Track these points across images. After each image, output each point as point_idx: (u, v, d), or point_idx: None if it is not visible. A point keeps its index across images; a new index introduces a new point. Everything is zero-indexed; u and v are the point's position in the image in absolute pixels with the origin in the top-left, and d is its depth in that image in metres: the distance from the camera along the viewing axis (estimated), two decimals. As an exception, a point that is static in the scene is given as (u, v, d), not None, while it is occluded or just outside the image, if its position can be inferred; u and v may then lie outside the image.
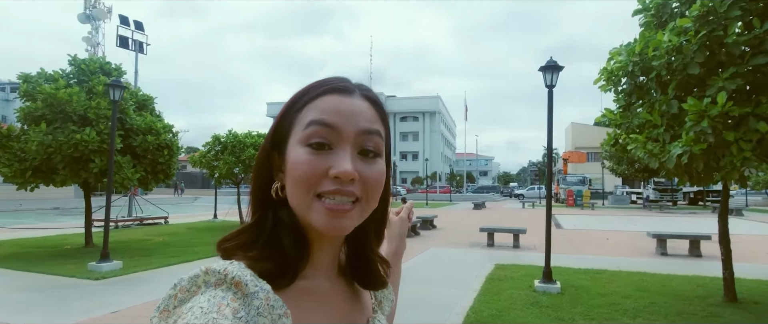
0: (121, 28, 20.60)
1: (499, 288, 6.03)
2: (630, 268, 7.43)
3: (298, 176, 0.51)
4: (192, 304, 0.45)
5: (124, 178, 8.38)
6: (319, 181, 0.51)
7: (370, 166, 0.54)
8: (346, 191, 0.51)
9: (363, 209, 0.54)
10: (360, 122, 0.54)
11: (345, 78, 0.59)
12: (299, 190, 0.52)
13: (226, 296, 0.45)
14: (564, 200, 31.07)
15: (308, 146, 0.52)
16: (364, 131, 0.54)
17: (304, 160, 0.51)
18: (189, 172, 48.61)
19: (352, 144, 0.53)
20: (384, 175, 0.56)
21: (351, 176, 0.51)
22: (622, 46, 5.31)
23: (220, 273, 0.47)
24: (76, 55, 8.81)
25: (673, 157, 4.49)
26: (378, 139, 0.55)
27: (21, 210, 20.60)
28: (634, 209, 27.32)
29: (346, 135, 0.53)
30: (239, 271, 0.48)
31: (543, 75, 6.19)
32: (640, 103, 5.39)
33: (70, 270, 6.93)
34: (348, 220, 0.52)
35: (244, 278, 0.47)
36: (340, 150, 0.52)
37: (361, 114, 0.55)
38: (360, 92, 0.57)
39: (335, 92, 0.55)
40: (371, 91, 0.59)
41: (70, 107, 7.87)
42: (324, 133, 0.52)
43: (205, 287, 0.47)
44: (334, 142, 0.52)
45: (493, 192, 49.96)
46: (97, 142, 7.91)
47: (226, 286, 0.47)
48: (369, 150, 0.54)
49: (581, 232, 13.60)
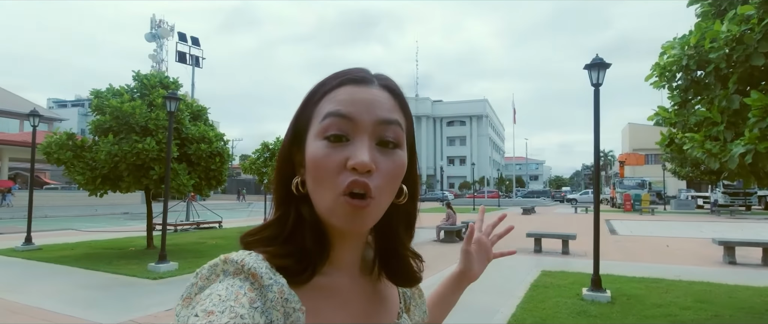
0: (180, 44, 22.10)
1: (544, 295, 5.80)
2: (692, 278, 6.89)
3: (317, 170, 0.51)
4: (210, 291, 0.45)
5: (180, 184, 8.92)
6: (338, 174, 0.50)
7: (389, 157, 0.52)
8: (361, 183, 0.50)
9: (379, 204, 0.52)
10: (378, 112, 0.53)
11: (363, 68, 0.57)
12: (320, 186, 0.51)
13: (244, 286, 0.46)
14: (621, 205, 29.35)
15: (325, 139, 0.51)
16: (382, 121, 0.52)
17: (321, 154, 0.51)
18: (244, 179, 50.83)
19: (369, 134, 0.52)
20: (404, 166, 0.54)
21: (368, 167, 0.49)
22: (675, 40, 4.98)
23: (237, 263, 0.48)
24: (139, 71, 9.53)
25: (735, 156, 4.13)
26: (398, 129, 0.54)
27: (96, 214, 22.47)
28: (701, 214, 25.29)
29: (363, 125, 0.51)
30: (256, 262, 0.49)
31: (588, 73, 5.92)
32: (698, 99, 5.02)
33: (132, 270, 7.47)
34: (366, 217, 0.51)
35: (260, 270, 0.48)
36: (357, 141, 0.51)
37: (379, 103, 0.53)
38: (378, 82, 0.56)
39: (352, 83, 0.54)
40: (390, 80, 0.58)
41: (133, 119, 8.52)
42: (341, 125, 0.51)
43: (223, 276, 0.48)
44: (351, 133, 0.51)
45: (544, 196, 48.14)
46: (156, 151, 8.50)
47: (244, 275, 0.47)
48: (388, 140, 0.53)
49: (638, 239, 12.79)
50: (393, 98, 0.56)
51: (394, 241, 0.61)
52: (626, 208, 27.78)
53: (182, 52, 21.83)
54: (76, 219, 20.07)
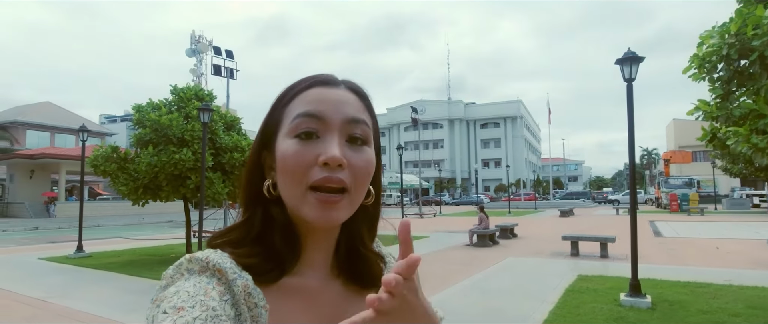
0: (215, 57, 22.99)
1: (579, 301, 5.57)
2: (744, 282, 6.42)
3: (288, 167, 0.52)
4: (177, 289, 0.46)
5: (215, 192, 9.24)
6: (309, 169, 0.51)
7: (358, 153, 0.54)
8: (335, 179, 0.51)
9: (352, 199, 0.53)
10: (346, 110, 0.54)
11: (330, 74, 0.59)
12: (291, 182, 0.52)
13: (211, 281, 0.47)
14: (667, 205, 27.87)
15: (296, 137, 0.53)
16: (350, 119, 0.54)
17: (292, 151, 0.52)
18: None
19: (339, 132, 0.53)
20: (372, 163, 0.56)
21: (339, 161, 0.51)
22: (714, 28, 4.70)
23: (202, 260, 0.49)
24: (176, 85, 9.98)
25: (784, 150, 3.84)
26: (365, 128, 0.55)
27: (143, 223, 23.64)
28: (757, 214, 23.60)
29: (332, 123, 0.53)
30: (220, 259, 0.49)
31: (621, 68, 5.67)
32: (742, 90, 4.72)
33: (171, 275, 7.78)
34: (338, 211, 0.52)
35: (225, 266, 0.49)
36: (327, 137, 0.52)
37: (347, 103, 0.55)
38: (345, 85, 0.58)
39: (320, 84, 0.56)
40: (356, 84, 0.60)
41: (170, 131, 8.91)
42: (311, 124, 0.53)
43: (188, 274, 0.49)
44: (321, 131, 0.53)
45: (584, 198, 46.39)
46: (192, 161, 8.84)
47: (210, 272, 0.48)
48: (357, 137, 0.54)
49: (684, 241, 12.09)
50: (360, 100, 0.58)
51: (356, 241, 0.61)
52: (673, 209, 26.34)
53: (217, 65, 22.71)
54: (124, 228, 21.17)
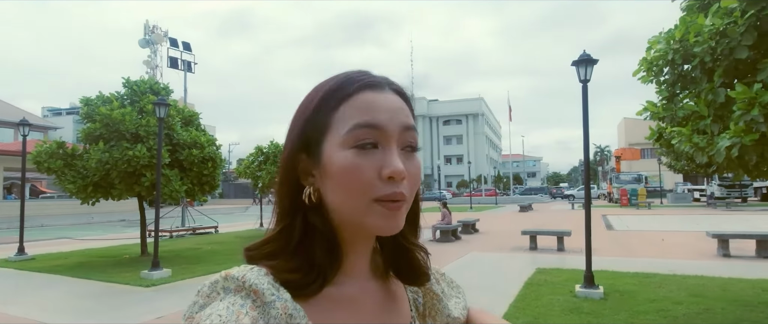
0: (172, 49, 22.06)
1: (537, 293, 5.79)
2: (685, 272, 6.89)
3: (351, 181, 0.50)
4: (210, 311, 0.45)
5: (172, 190, 8.89)
6: (372, 182, 0.50)
7: (412, 162, 0.53)
8: (399, 193, 0.50)
9: (408, 205, 0.54)
10: (402, 119, 0.53)
11: (367, 71, 0.57)
12: (353, 195, 0.50)
13: (246, 304, 0.45)
14: (618, 200, 29.42)
15: (355, 148, 0.50)
16: (406, 128, 0.53)
17: (354, 165, 0.50)
18: (241, 183, 50.76)
19: (396, 142, 0.52)
20: (422, 168, 0.57)
21: (404, 175, 0.50)
22: (661, 34, 4.98)
23: (238, 279, 0.47)
24: (129, 77, 9.50)
25: (721, 149, 4.13)
26: (416, 134, 0.55)
27: (92, 223, 22.38)
28: (697, 208, 25.36)
29: (391, 133, 0.52)
30: (257, 278, 0.47)
31: (576, 69, 5.92)
32: (685, 93, 5.03)
33: (125, 278, 7.43)
34: (400, 218, 0.52)
35: (262, 286, 0.47)
36: (386, 149, 0.51)
37: (401, 110, 0.54)
38: (389, 86, 0.56)
39: (369, 88, 0.54)
40: (399, 84, 0.58)
41: (123, 126, 8.48)
42: (370, 135, 0.51)
43: (224, 293, 0.47)
44: (380, 141, 0.51)
45: (542, 193, 48.19)
46: (147, 158, 8.46)
47: (245, 292, 0.47)
48: (411, 144, 0.54)
49: (634, 234, 12.81)
50: (405, 103, 0.56)
51: (400, 238, 0.60)
52: (623, 203, 27.83)
53: (174, 58, 21.80)
54: (71, 228, 19.99)
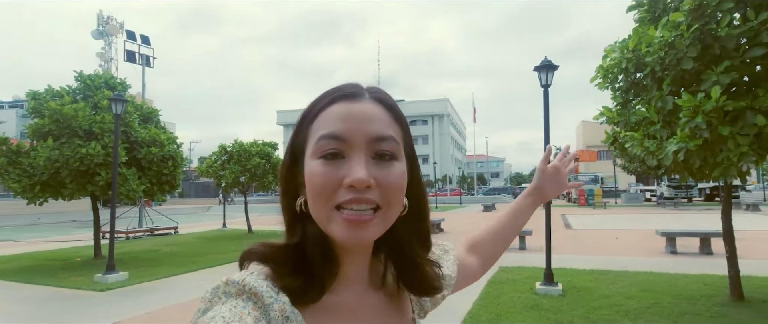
0: (129, 43, 21.05)
1: (500, 291, 5.95)
2: (637, 268, 7.28)
3: (315, 189, 0.51)
4: (214, 314, 0.46)
5: (129, 190, 8.51)
6: (335, 191, 0.50)
7: (386, 170, 0.52)
8: (363, 199, 0.50)
9: (385, 216, 0.52)
10: (371, 128, 0.52)
11: (356, 84, 0.57)
12: (318, 203, 0.51)
13: (247, 306, 0.47)
14: (576, 200, 30.65)
15: (321, 158, 0.51)
16: (376, 138, 0.52)
17: (318, 172, 0.51)
18: (202, 182, 49.20)
19: (364, 151, 0.51)
20: (404, 176, 0.54)
21: (365, 183, 0.49)
22: (616, 43, 5.24)
23: (238, 283, 0.49)
24: (82, 71, 9.01)
25: (669, 154, 4.40)
26: (393, 143, 0.53)
27: (39, 223, 21.05)
28: (648, 207, 26.83)
29: (357, 143, 0.51)
30: (256, 282, 0.49)
31: (538, 75, 6.13)
32: (637, 99, 5.31)
33: (76, 282, 7.05)
34: (368, 230, 0.51)
35: (261, 289, 0.48)
36: (353, 157, 0.51)
37: (372, 120, 0.53)
38: (370, 95, 0.55)
39: (343, 99, 0.54)
40: (382, 92, 0.57)
41: (75, 122, 8.04)
42: (334, 145, 0.51)
43: (225, 297, 0.49)
44: (346, 151, 0.51)
45: (505, 193, 49.51)
46: (102, 156, 8.06)
47: (246, 295, 0.48)
48: (384, 153, 0.52)
49: (591, 232, 13.40)
50: (387, 111, 0.56)
51: (410, 252, 0.61)
52: (581, 203, 29.04)
53: (131, 51, 20.81)
54: (16, 229, 18.75)
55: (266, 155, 13.96)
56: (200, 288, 6.69)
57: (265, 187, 14.62)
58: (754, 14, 3.87)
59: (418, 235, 0.61)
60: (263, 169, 13.66)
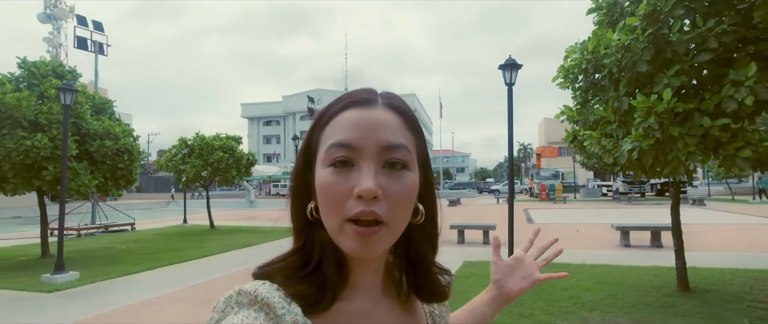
0: (79, 28, 19.79)
1: (464, 286, 6.05)
2: (594, 261, 7.59)
3: (325, 199, 0.51)
4: None
5: (80, 185, 8.06)
6: (345, 201, 0.50)
7: (396, 180, 0.52)
8: (367, 211, 0.49)
9: (390, 230, 0.52)
10: (383, 136, 0.52)
11: (370, 89, 0.57)
12: (329, 214, 0.51)
13: (259, 317, 0.47)
14: (538, 195, 31.66)
15: (331, 166, 0.51)
16: (387, 146, 0.52)
17: (328, 182, 0.51)
18: (161, 176, 47.35)
19: (375, 160, 0.51)
20: (414, 187, 0.54)
21: (373, 193, 0.49)
22: (576, 45, 5.40)
23: (251, 294, 0.49)
24: (26, 57, 8.41)
25: (624, 152, 4.59)
26: (405, 152, 0.53)
27: (-22, 220, 19.64)
28: (605, 202, 28.08)
29: (367, 152, 0.51)
30: (269, 292, 0.49)
31: (503, 73, 6.24)
32: (596, 99, 5.50)
33: (20, 283, 6.61)
34: (375, 243, 0.51)
35: (273, 300, 0.48)
36: (363, 167, 0.51)
37: (383, 127, 0.52)
38: (383, 102, 0.55)
39: (355, 105, 0.54)
40: (397, 98, 0.57)
41: (18, 112, 7.50)
42: (344, 153, 0.51)
43: (238, 307, 0.48)
44: (356, 159, 0.51)
45: (470, 188, 50.50)
46: (49, 149, 7.58)
47: (258, 306, 0.48)
48: (396, 162, 0.52)
49: (552, 226, 13.87)
50: (399, 118, 0.55)
51: (419, 259, 0.61)
52: (542, 198, 30.03)
53: (82, 38, 19.58)
54: (-47, 226, 17.41)
55: (230, 149, 13.57)
56: (159, 287, 6.44)
57: (228, 181, 14.23)
58: (702, 21, 4.07)
59: (429, 239, 0.62)
60: (226, 163, 13.28)
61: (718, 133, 4.06)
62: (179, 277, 7.22)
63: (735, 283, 5.85)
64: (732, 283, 5.90)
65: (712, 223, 13.82)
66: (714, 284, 5.82)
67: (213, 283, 6.71)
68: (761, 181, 25.92)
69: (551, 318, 4.61)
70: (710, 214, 16.84)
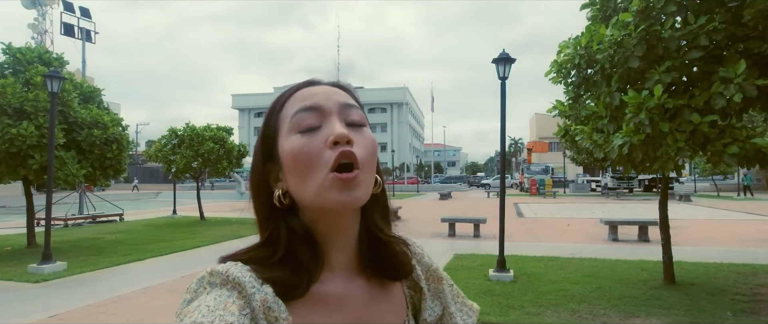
0: (66, 14, 19.33)
1: (454, 278, 6.03)
2: (582, 255, 7.70)
3: (301, 158, 0.52)
4: (198, 303, 0.47)
5: (68, 174, 7.94)
6: (321, 155, 0.52)
7: (360, 134, 0.55)
8: (347, 152, 0.51)
9: (366, 177, 0.54)
10: (339, 98, 0.57)
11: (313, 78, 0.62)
12: (307, 174, 0.52)
13: (232, 295, 0.48)
14: (528, 189, 31.93)
15: (299, 133, 0.53)
16: (345, 105, 0.56)
17: (302, 143, 0.53)
18: (150, 167, 46.81)
19: (337, 116, 0.55)
20: (375, 143, 0.57)
21: (347, 137, 0.52)
22: (569, 40, 5.42)
23: (222, 273, 0.49)
24: (11, 43, 8.21)
25: (615, 147, 4.64)
26: (360, 112, 0.58)
27: (-38, 209, 19.28)
28: (593, 197, 28.42)
29: (329, 110, 0.55)
30: (240, 272, 0.49)
31: (496, 67, 6.25)
32: (588, 95, 5.54)
33: (7, 273, 6.52)
34: (357, 188, 0.52)
35: (244, 279, 0.49)
36: (329, 122, 0.54)
37: (338, 93, 0.58)
38: (330, 83, 0.61)
39: (308, 85, 0.59)
40: (341, 82, 0.63)
41: (3, 99, 7.34)
42: (310, 118, 0.54)
43: (210, 287, 0.49)
44: (321, 121, 0.54)
45: (461, 182, 50.75)
46: (36, 137, 7.44)
47: (231, 285, 0.49)
48: (355, 121, 0.56)
49: (541, 220, 14.01)
50: (348, 94, 0.60)
51: (376, 231, 0.61)
52: (532, 192, 30.28)
53: (69, 24, 19.14)
54: (-64, 215, 17.08)
55: (220, 140, 13.45)
56: (147, 278, 6.39)
57: (219, 172, 14.12)
58: (694, 18, 4.11)
59: (381, 212, 0.63)
60: (217, 154, 13.17)
61: (707, 130, 4.12)
62: (169, 267, 7.17)
63: (719, 277, 5.98)
64: (716, 276, 6.03)
65: (697, 218, 14.07)
66: (699, 278, 5.94)
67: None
68: (746, 178, 26.41)
69: (540, 310, 4.67)
70: (696, 210, 17.14)
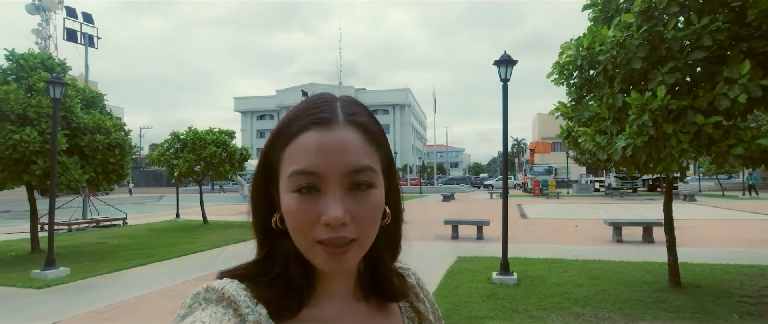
0: (69, 20, 19.44)
1: (458, 281, 6.07)
2: (586, 257, 7.65)
3: (293, 224, 0.51)
4: (194, 319, 0.47)
5: (71, 179, 7.96)
6: (313, 227, 0.50)
7: (362, 202, 0.51)
8: (338, 238, 0.49)
9: (361, 245, 0.52)
10: (346, 160, 0.50)
11: (328, 100, 0.54)
12: (298, 237, 0.51)
13: (227, 313, 0.47)
14: (531, 190, 31.82)
15: (296, 192, 0.50)
16: (352, 170, 0.50)
17: (294, 208, 0.50)
18: (153, 171, 46.94)
19: (340, 184, 0.50)
20: (381, 204, 0.53)
21: (341, 221, 0.49)
22: (571, 41, 5.39)
23: (218, 290, 0.49)
24: (14, 49, 8.25)
25: (618, 149, 4.60)
26: (370, 173, 0.51)
27: (-33, 214, 19.38)
28: (597, 197, 28.30)
29: (331, 178, 0.50)
30: (236, 290, 0.49)
31: (498, 69, 6.22)
32: (590, 96, 5.50)
33: (10, 279, 6.53)
34: (347, 260, 0.51)
35: (239, 298, 0.49)
36: (328, 193, 0.50)
37: (347, 150, 0.50)
38: (345, 118, 0.52)
39: (315, 126, 0.51)
40: (359, 110, 0.54)
41: (6, 105, 7.38)
42: (309, 180, 0.50)
43: (206, 303, 0.49)
44: (320, 184, 0.50)
45: (464, 183, 50.65)
46: (39, 143, 7.46)
47: (226, 303, 0.48)
48: (361, 183, 0.51)
49: (545, 222, 13.95)
50: (362, 135, 0.52)
51: (377, 260, 0.61)
52: (535, 193, 30.18)
53: (72, 30, 19.25)
54: (-59, 221, 17.17)
55: (223, 144, 13.47)
56: (150, 283, 6.39)
57: (221, 176, 14.14)
58: (697, 18, 4.07)
59: (387, 242, 0.61)
60: (220, 158, 13.18)
61: (711, 131, 4.08)
62: (172, 272, 7.17)
63: (725, 279, 5.92)
64: (722, 278, 5.97)
65: (702, 218, 13.97)
66: (704, 280, 5.89)
67: (207, 280, 6.66)
68: (751, 177, 26.24)
69: (544, 314, 4.63)
70: (701, 210, 17.03)
